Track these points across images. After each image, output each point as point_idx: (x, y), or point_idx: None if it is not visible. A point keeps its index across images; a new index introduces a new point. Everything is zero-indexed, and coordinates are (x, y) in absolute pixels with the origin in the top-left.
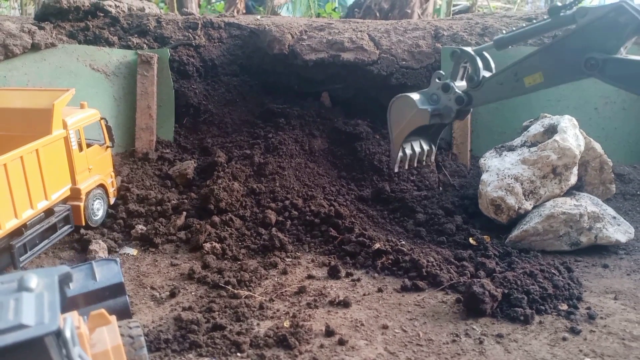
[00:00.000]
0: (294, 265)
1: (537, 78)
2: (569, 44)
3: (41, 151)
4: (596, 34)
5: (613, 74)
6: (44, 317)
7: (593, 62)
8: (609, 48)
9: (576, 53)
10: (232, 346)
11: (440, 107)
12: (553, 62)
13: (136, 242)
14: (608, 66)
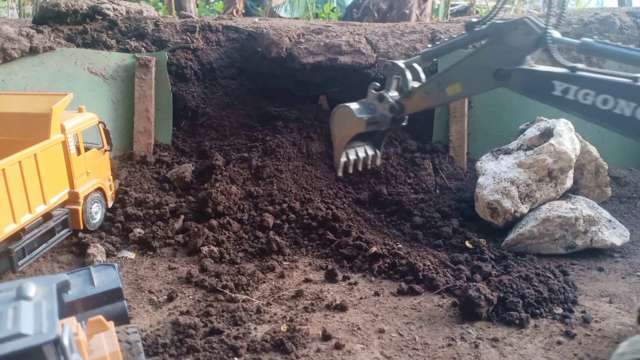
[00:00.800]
0: (291, 268)
1: (457, 88)
2: (481, 57)
3: (39, 156)
4: (504, 47)
5: (519, 84)
6: (42, 326)
7: (502, 72)
8: (516, 60)
9: (488, 65)
10: (229, 350)
11: (377, 116)
12: (469, 74)
13: (134, 246)
14: (514, 76)
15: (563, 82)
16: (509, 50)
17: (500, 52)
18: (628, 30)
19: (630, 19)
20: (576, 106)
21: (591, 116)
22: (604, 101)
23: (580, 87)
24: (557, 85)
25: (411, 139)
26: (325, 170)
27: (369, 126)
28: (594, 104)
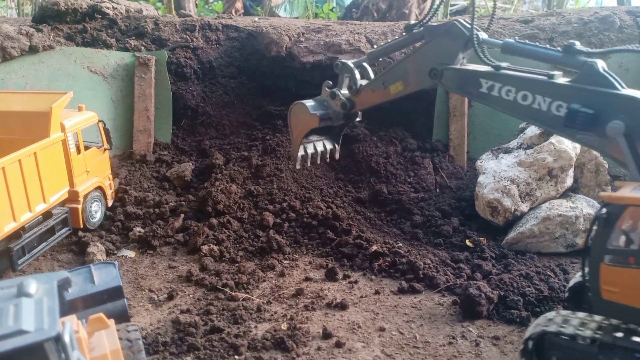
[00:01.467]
0: (291, 267)
1: (399, 86)
2: (417, 58)
3: (39, 154)
4: (437, 48)
5: (450, 82)
6: (43, 323)
7: (435, 72)
8: (447, 59)
9: (423, 65)
10: (229, 349)
11: (330, 112)
12: (408, 73)
13: (134, 245)
14: (446, 75)
15: (488, 80)
16: (441, 51)
17: (434, 53)
18: (628, 29)
19: (630, 18)
20: (500, 102)
21: (513, 111)
22: (524, 97)
23: (503, 85)
24: (483, 82)
25: (411, 138)
26: (325, 169)
27: (323, 122)
28: (515, 99)
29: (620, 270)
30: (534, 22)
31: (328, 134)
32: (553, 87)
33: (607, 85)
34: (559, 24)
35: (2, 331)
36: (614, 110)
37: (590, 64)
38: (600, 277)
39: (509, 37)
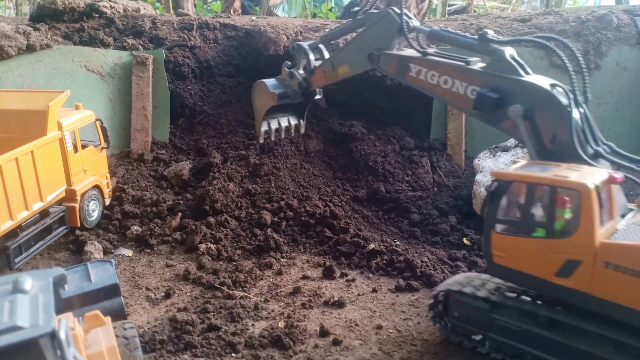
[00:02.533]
0: (289, 265)
1: (346, 68)
2: (359, 42)
3: (36, 152)
4: (374, 34)
5: (385, 66)
6: (38, 319)
7: (372, 56)
8: (383, 45)
9: (363, 49)
10: (227, 347)
11: (289, 91)
12: (352, 57)
13: (131, 243)
14: (382, 59)
15: (416, 65)
16: (378, 37)
17: (372, 39)
18: (625, 27)
19: (627, 17)
20: (427, 85)
21: (438, 94)
22: (445, 81)
23: (428, 69)
24: (412, 67)
25: (409, 136)
26: (323, 167)
27: (281, 99)
28: (438, 83)
29: (507, 237)
30: (531, 20)
31: (291, 111)
32: (468, 72)
33: (512, 71)
34: (556, 23)
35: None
36: (515, 94)
37: (499, 52)
38: (492, 243)
39: (506, 35)
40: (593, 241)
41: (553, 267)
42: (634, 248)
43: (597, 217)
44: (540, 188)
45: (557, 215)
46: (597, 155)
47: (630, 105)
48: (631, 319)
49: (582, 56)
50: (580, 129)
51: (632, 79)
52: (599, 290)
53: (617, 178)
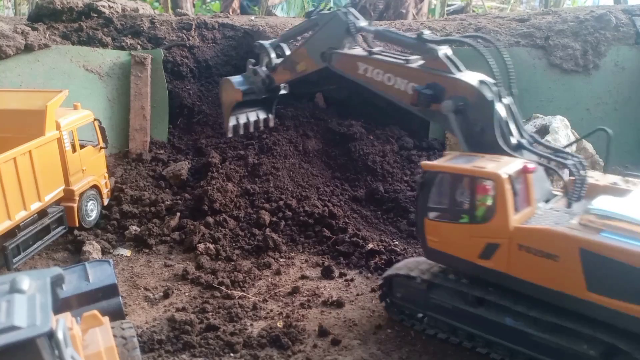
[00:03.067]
0: (287, 265)
1: (303, 66)
2: (313, 42)
3: (34, 152)
4: (325, 34)
5: (336, 64)
6: (36, 319)
7: (325, 55)
8: (334, 44)
9: (316, 48)
10: (225, 347)
11: (254, 87)
12: (307, 55)
13: (130, 243)
14: (333, 58)
15: (363, 63)
16: (329, 37)
17: (324, 38)
18: (624, 27)
19: (625, 17)
20: (372, 82)
21: (382, 90)
22: (389, 78)
23: (374, 67)
24: (360, 65)
25: (408, 136)
26: (322, 167)
27: (246, 95)
28: (382, 80)
29: (438, 224)
30: (530, 20)
31: (260, 105)
32: (407, 70)
33: (445, 69)
34: (555, 23)
35: None
36: (447, 91)
37: (433, 51)
38: (425, 229)
39: (505, 35)
40: (508, 226)
41: (476, 250)
42: (542, 231)
43: (511, 204)
44: (463, 177)
45: (478, 203)
46: (519, 146)
47: (629, 104)
48: (543, 295)
49: (580, 56)
50: (504, 122)
51: (631, 78)
52: (515, 270)
53: (530, 168)
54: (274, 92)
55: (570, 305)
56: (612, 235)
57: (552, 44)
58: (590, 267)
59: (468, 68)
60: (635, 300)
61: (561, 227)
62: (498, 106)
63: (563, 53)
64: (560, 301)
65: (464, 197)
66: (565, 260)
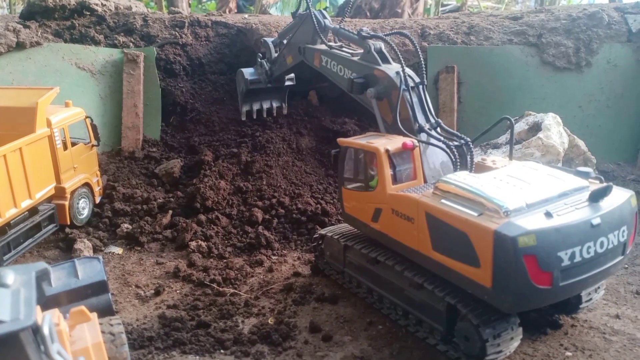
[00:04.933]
0: (279, 263)
1: (290, 59)
2: (295, 38)
3: (25, 150)
4: (301, 32)
5: (308, 57)
6: (19, 313)
7: (300, 49)
8: (309, 40)
9: (296, 43)
10: (215, 343)
11: (260, 77)
12: (291, 50)
13: (121, 241)
14: (306, 52)
15: (325, 56)
16: (303, 34)
17: (301, 35)
18: (616, 25)
19: (617, 15)
20: (331, 73)
21: (338, 81)
22: (340, 69)
23: (331, 60)
24: (323, 58)
25: None
26: (315, 165)
27: (253, 84)
28: (337, 71)
29: (350, 191)
30: (523, 18)
31: (274, 94)
32: (350, 62)
33: (374, 61)
34: (547, 21)
35: None
36: (372, 79)
37: (366, 45)
38: (343, 197)
39: (498, 33)
40: (385, 193)
41: (370, 214)
42: (403, 197)
43: (388, 174)
44: (361, 151)
45: (369, 174)
46: (420, 130)
47: (621, 102)
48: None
49: (573, 54)
50: (410, 108)
51: (623, 76)
52: (391, 231)
53: (408, 145)
54: (279, 82)
55: (423, 262)
56: (449, 201)
57: (544, 42)
58: (433, 229)
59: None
60: (461, 259)
61: (415, 194)
62: (406, 94)
63: (556, 51)
64: (417, 259)
65: (362, 169)
66: (418, 222)
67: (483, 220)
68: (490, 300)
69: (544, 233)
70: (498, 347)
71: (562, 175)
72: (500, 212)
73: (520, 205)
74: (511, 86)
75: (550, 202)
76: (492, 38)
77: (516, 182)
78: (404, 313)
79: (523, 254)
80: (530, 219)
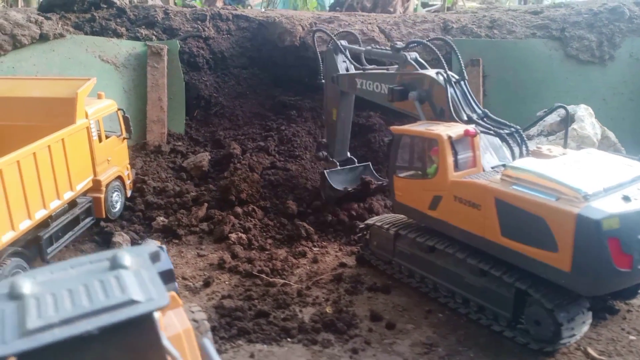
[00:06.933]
0: (322, 254)
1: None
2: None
3: (67, 140)
4: (328, 64)
5: (342, 84)
6: (151, 293)
7: (334, 79)
8: (336, 70)
9: (328, 74)
10: (280, 332)
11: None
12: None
13: (157, 234)
14: (339, 80)
15: (359, 79)
16: (330, 65)
17: (328, 67)
18: (637, 19)
19: (638, 9)
20: (368, 93)
21: (373, 97)
22: (377, 86)
23: (367, 80)
24: (358, 81)
25: None
26: None
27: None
28: (373, 89)
29: (402, 179)
30: (543, 13)
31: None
32: (386, 75)
33: (412, 69)
34: (569, 15)
35: (114, 301)
36: (413, 84)
37: (403, 56)
38: (394, 185)
39: (520, 27)
40: (447, 180)
41: (427, 202)
42: (468, 184)
43: (450, 161)
44: (418, 139)
45: (428, 160)
46: (469, 120)
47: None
48: (471, 241)
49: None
50: (457, 101)
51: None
52: (452, 218)
53: (471, 132)
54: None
55: (489, 249)
56: (521, 187)
57: (568, 36)
58: (503, 215)
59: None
60: (535, 244)
61: (483, 180)
62: (450, 90)
63: (579, 44)
64: (483, 245)
65: (419, 156)
66: (485, 208)
67: (562, 205)
68: (567, 284)
69: (626, 216)
70: (572, 330)
71: (628, 161)
72: (579, 196)
73: (598, 190)
74: (536, 79)
75: (624, 186)
76: (515, 32)
77: (586, 168)
78: (464, 301)
79: (608, 236)
80: (610, 203)
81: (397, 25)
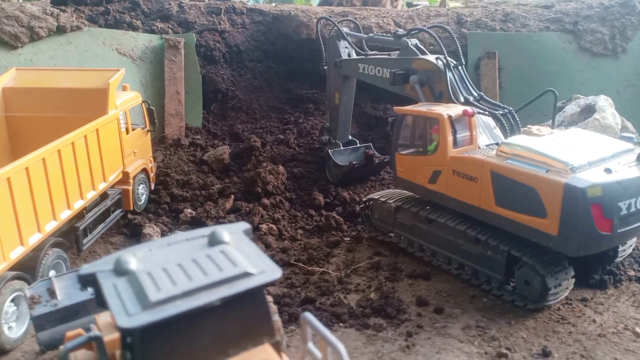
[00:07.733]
0: (355, 243)
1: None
2: (327, 56)
3: (101, 131)
4: (330, 50)
5: (345, 69)
6: (261, 266)
7: (336, 64)
8: (337, 55)
9: (332, 59)
10: (332, 317)
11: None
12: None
13: (186, 226)
14: (342, 65)
15: (362, 63)
16: (333, 50)
17: (331, 53)
18: None
19: None
20: (370, 77)
21: (375, 81)
22: (379, 71)
23: (369, 65)
24: (360, 66)
25: None
26: None
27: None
28: (375, 74)
29: (404, 156)
30: (554, 7)
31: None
32: (388, 60)
33: (412, 54)
34: (580, 9)
35: (230, 274)
36: (412, 70)
37: (404, 42)
38: (396, 162)
39: (533, 20)
40: (447, 155)
41: (427, 176)
42: (467, 159)
43: (449, 138)
44: (420, 118)
45: (429, 138)
46: (466, 102)
47: None
48: (468, 211)
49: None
50: (455, 84)
51: None
52: (451, 191)
53: (469, 112)
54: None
55: (485, 218)
56: (514, 161)
57: (581, 29)
58: (497, 186)
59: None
60: (527, 211)
61: (480, 155)
62: (449, 74)
63: (592, 37)
64: (478, 215)
65: (421, 134)
66: (482, 181)
67: (552, 176)
68: (555, 247)
69: (608, 185)
70: (556, 295)
71: (611, 139)
72: (567, 168)
73: (583, 163)
74: (550, 71)
75: (606, 160)
76: (528, 25)
77: (573, 144)
78: (460, 265)
79: (591, 203)
80: (594, 174)
81: (411, 18)
